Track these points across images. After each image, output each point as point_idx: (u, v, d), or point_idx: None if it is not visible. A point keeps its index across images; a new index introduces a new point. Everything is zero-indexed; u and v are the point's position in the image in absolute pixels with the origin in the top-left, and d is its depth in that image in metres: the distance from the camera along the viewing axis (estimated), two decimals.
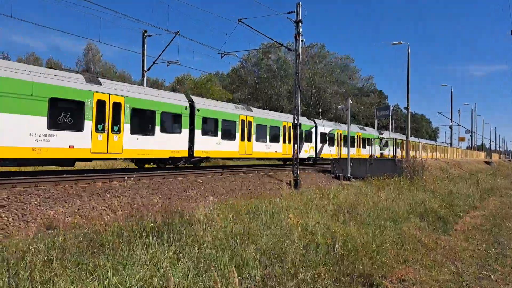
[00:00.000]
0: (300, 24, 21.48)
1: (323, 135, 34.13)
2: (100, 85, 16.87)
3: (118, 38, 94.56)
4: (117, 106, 17.25)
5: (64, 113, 15.29)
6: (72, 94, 15.55)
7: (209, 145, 22.27)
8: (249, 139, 25.45)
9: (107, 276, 5.03)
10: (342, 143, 35.18)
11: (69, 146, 15.36)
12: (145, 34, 26.68)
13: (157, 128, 19.06)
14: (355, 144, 37.93)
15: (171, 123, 20.11)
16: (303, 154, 30.71)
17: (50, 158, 14.98)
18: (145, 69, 26.97)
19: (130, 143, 17.72)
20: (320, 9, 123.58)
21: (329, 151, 32.08)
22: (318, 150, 33.69)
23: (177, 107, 20.37)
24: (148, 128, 18.80)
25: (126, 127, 17.54)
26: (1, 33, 77.19)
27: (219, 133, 22.97)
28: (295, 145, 21.69)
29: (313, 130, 33.32)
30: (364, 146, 39.85)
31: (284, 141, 28.84)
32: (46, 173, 16.25)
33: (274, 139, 27.90)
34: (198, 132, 21.52)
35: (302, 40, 21.82)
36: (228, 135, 23.69)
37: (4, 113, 13.51)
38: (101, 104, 16.59)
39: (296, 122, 21.72)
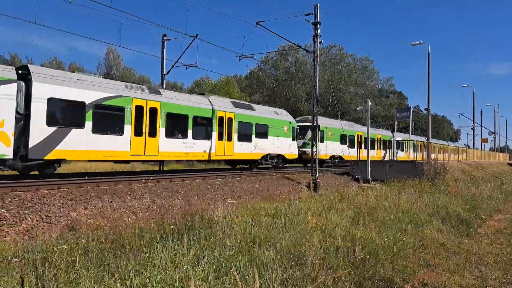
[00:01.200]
0: (318, 25, 21.39)
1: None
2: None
3: (137, 42, 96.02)
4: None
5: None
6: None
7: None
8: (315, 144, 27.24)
9: (129, 277, 5.10)
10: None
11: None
12: (164, 38, 26.97)
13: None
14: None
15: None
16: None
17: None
18: (164, 73, 27.26)
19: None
20: (338, 10, 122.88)
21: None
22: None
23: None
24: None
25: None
26: (24, 38, 79.30)
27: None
28: (314, 147, 21.60)
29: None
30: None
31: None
32: (69, 176, 16.59)
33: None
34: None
35: (320, 42, 21.73)
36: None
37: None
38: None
39: (314, 123, 21.63)
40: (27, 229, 9.56)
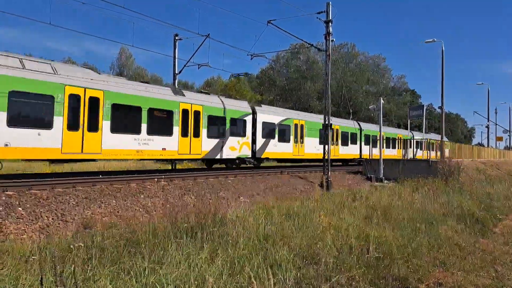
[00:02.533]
0: (330, 24, 21.30)
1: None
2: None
3: (149, 42, 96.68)
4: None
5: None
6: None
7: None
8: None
9: (144, 275, 5.15)
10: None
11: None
12: (176, 38, 27.10)
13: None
14: (390, 145, 37.44)
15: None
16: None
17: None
18: (176, 72, 27.40)
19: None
20: (349, 8, 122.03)
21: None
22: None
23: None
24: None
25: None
26: (38, 39, 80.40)
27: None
28: (326, 146, 21.52)
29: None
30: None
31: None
32: (83, 174, 16.78)
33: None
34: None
35: (332, 40, 21.64)
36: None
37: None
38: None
39: (327, 122, 21.55)
40: (43, 227, 9.71)
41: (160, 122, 18.03)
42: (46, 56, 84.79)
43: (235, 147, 22.32)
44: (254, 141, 23.64)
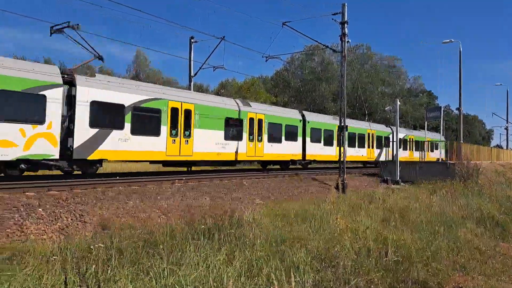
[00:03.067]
0: (345, 25, 21.18)
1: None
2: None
3: (165, 44, 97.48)
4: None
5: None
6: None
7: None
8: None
9: (164, 276, 5.19)
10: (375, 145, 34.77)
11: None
12: (192, 40, 27.25)
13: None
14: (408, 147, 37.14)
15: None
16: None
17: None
18: (192, 75, 27.54)
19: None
20: (364, 9, 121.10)
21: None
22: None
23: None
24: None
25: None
26: (60, 43, 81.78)
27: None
28: (342, 148, 21.38)
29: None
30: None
31: (369, 146, 33.11)
32: (101, 176, 16.99)
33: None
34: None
35: (347, 42, 21.51)
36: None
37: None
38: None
39: (342, 124, 21.42)
40: (62, 227, 9.84)
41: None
42: (61, 57, 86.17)
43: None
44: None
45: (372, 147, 33.71)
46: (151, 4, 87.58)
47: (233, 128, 20.96)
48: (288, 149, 24.58)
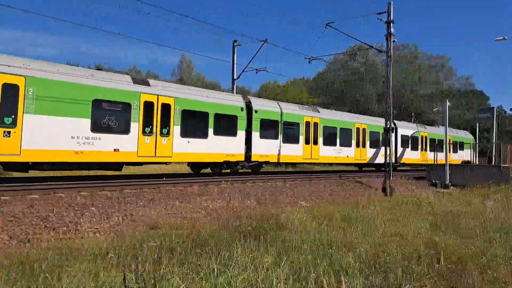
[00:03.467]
0: (391, 24, 20.71)
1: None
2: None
3: (209, 49, 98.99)
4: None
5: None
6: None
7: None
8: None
9: (213, 276, 5.27)
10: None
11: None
12: (235, 44, 27.59)
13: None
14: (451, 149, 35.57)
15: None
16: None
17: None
18: (235, 78, 27.86)
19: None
20: (411, 8, 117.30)
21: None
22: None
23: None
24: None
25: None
26: (112, 50, 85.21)
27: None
28: (387, 150, 20.88)
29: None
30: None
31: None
32: (149, 177, 17.54)
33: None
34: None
35: (393, 41, 21.01)
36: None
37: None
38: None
39: (388, 126, 20.92)
40: (114, 226, 10.25)
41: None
42: (115, 65, 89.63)
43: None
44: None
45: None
46: (197, 10, 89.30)
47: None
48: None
